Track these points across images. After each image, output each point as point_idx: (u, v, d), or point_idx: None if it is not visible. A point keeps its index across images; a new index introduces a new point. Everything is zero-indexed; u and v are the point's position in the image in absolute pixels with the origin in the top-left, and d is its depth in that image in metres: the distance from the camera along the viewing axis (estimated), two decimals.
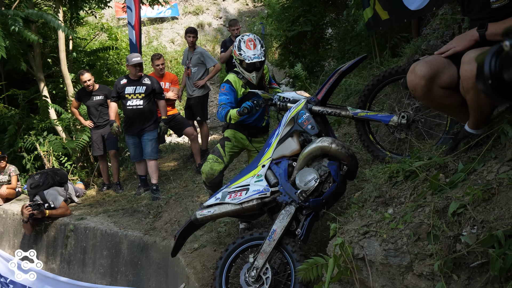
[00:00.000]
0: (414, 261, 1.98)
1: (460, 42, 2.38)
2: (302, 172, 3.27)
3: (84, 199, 7.76)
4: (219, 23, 19.61)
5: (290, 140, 3.49)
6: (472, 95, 2.15)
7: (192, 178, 7.24)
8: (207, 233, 5.29)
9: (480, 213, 1.86)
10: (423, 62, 2.41)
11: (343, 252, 2.24)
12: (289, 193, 3.30)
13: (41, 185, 6.95)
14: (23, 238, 7.37)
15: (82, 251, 6.54)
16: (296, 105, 3.61)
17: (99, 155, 7.85)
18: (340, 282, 2.45)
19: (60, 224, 6.87)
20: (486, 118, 2.33)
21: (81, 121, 7.94)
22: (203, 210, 3.70)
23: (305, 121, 3.44)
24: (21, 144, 8.74)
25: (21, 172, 8.71)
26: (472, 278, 1.82)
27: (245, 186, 3.56)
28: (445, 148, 2.60)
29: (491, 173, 2.05)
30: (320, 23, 9.64)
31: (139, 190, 7.18)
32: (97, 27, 13.09)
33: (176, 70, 15.65)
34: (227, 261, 3.53)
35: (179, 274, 5.15)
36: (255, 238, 3.51)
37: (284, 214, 3.29)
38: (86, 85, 7.54)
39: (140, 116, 6.65)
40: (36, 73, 9.23)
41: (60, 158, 8.75)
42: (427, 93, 2.40)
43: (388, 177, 2.69)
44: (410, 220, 2.07)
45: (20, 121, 9.07)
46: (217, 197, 3.65)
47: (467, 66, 2.10)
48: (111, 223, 6.45)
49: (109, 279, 6.22)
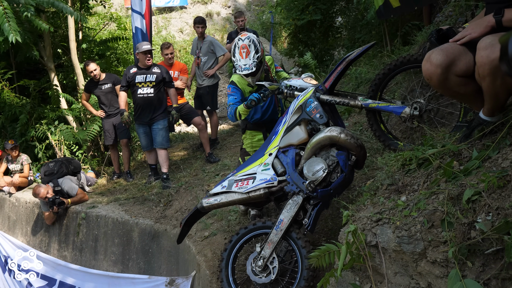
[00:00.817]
0: (428, 248, 1.97)
1: (476, 29, 2.34)
2: (310, 162, 3.26)
3: (95, 188, 7.82)
4: (227, 12, 19.50)
5: (298, 128, 3.48)
6: (488, 81, 2.12)
7: (202, 167, 7.26)
8: (217, 221, 5.32)
9: (495, 200, 1.84)
10: (439, 50, 2.37)
11: (355, 239, 2.23)
12: (296, 183, 3.30)
13: (55, 173, 7.01)
14: (36, 226, 7.46)
15: (94, 239, 6.61)
16: (304, 93, 3.58)
17: (110, 144, 7.90)
18: (352, 269, 2.45)
19: (72, 212, 6.93)
20: (502, 105, 2.30)
21: (92, 111, 7.97)
22: (210, 198, 3.68)
23: (313, 109, 3.42)
24: (33, 133, 8.79)
25: (33, 161, 8.77)
26: (487, 265, 1.81)
27: (251, 175, 3.54)
28: (459, 136, 2.58)
29: (506, 160, 2.03)
30: (329, 12, 9.56)
31: (150, 179, 7.21)
32: (106, 17, 13.07)
33: (185, 59, 15.60)
34: (232, 251, 3.55)
35: (190, 262, 5.19)
36: (258, 227, 3.53)
37: (291, 204, 3.30)
38: (93, 75, 7.57)
39: (150, 105, 6.66)
40: (46, 63, 9.25)
41: (71, 147, 8.80)
42: (443, 82, 2.36)
43: (401, 165, 2.67)
44: (424, 207, 2.06)
45: (31, 111, 9.11)
46: (223, 185, 3.63)
47: (483, 52, 2.07)
48: (122, 211, 6.50)
49: (120, 267, 6.29)
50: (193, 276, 5.02)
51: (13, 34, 6.47)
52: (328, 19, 9.49)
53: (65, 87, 10.13)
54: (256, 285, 3.39)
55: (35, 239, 7.45)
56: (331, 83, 3.60)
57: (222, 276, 3.51)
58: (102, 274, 6.25)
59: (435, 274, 1.95)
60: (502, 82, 2.11)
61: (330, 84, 3.61)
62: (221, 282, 3.52)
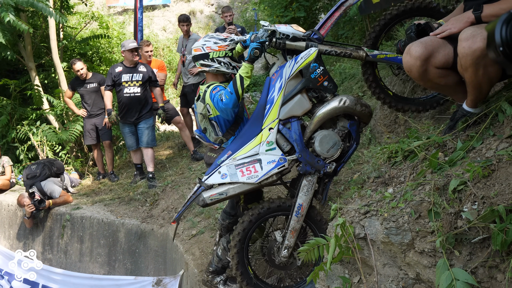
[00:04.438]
0: (416, 238, 2.00)
1: (456, 24, 2.40)
2: (322, 137, 3.05)
3: (80, 189, 7.74)
4: (211, 10, 19.45)
5: (301, 97, 3.10)
6: (471, 72, 2.17)
7: (188, 165, 7.24)
8: (204, 219, 5.31)
9: (481, 189, 1.87)
10: (418, 43, 2.43)
11: (344, 232, 2.25)
12: (311, 162, 3.06)
13: (38, 175, 6.92)
14: (19, 229, 7.36)
15: (79, 240, 6.55)
16: (305, 54, 3.09)
17: (93, 144, 7.83)
18: (341, 262, 2.47)
19: (56, 214, 6.85)
20: (484, 96, 2.35)
21: (74, 110, 7.89)
22: (212, 192, 3.12)
23: (319, 76, 3.06)
24: (14, 135, 8.68)
25: (15, 163, 8.65)
26: (474, 253, 1.84)
27: (254, 157, 3.08)
28: (443, 128, 2.62)
29: (490, 150, 2.06)
30: (313, 9, 9.59)
31: (135, 179, 7.18)
32: (88, 15, 12.95)
33: (168, 58, 15.55)
34: (248, 233, 3.26)
35: (178, 261, 5.17)
36: (277, 209, 3.26)
37: (308, 186, 3.11)
38: (79, 74, 7.51)
39: (137, 104, 6.64)
40: (27, 63, 9.12)
41: (54, 147, 8.70)
42: (423, 74, 2.43)
43: (387, 158, 2.70)
44: (411, 199, 2.08)
45: (12, 111, 9.00)
46: (223, 174, 3.08)
47: (464, 43, 2.11)
48: (107, 211, 6.45)
49: (107, 268, 6.24)
50: (181, 275, 5.01)
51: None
52: (311, 15, 9.52)
53: (46, 86, 10.01)
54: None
55: (18, 243, 7.34)
56: (328, 31, 3.34)
57: (239, 267, 3.24)
58: (86, 277, 6.20)
59: (423, 264, 1.97)
60: (484, 72, 2.15)
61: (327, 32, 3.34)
62: (236, 265, 3.24)
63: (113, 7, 18.86)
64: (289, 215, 3.20)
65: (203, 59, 3.49)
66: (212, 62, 3.47)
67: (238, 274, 3.25)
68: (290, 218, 3.17)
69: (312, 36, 3.25)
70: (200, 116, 3.57)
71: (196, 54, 3.51)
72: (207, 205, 3.16)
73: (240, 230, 3.22)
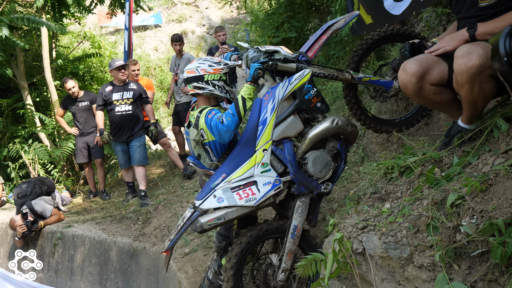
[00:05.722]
0: (414, 253, 2.00)
1: (450, 42, 2.44)
2: (315, 158, 3.07)
3: (71, 207, 7.65)
4: (202, 30, 19.60)
5: (294, 118, 3.11)
6: (467, 88, 2.19)
7: (180, 183, 7.20)
8: (197, 237, 5.26)
9: (479, 203, 1.88)
10: (414, 60, 2.46)
11: (342, 247, 2.24)
12: (304, 183, 3.06)
13: (29, 194, 6.82)
14: (9, 247, 7.22)
15: (70, 259, 6.44)
16: (299, 76, 3.08)
17: (84, 163, 7.76)
18: (338, 278, 2.45)
19: (47, 233, 6.75)
20: (480, 112, 2.37)
21: (66, 129, 7.83)
22: (210, 217, 2.97)
23: (313, 97, 3.09)
24: (6, 153, 8.60)
25: (6, 181, 8.55)
26: (473, 267, 1.84)
27: (249, 179, 3.01)
28: (438, 144, 2.64)
29: (486, 165, 2.08)
30: (304, 29, 9.72)
31: (127, 197, 7.11)
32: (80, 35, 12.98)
33: (160, 77, 15.57)
34: (244, 254, 3.15)
35: (171, 280, 5.10)
36: (274, 231, 3.21)
37: (302, 207, 3.10)
38: (71, 92, 7.48)
39: (129, 122, 6.62)
40: (19, 81, 9.08)
41: (46, 166, 8.62)
42: (418, 90, 2.46)
43: (383, 174, 2.71)
44: (409, 213, 2.08)
45: (4, 130, 8.92)
46: (219, 197, 2.97)
47: (460, 60, 2.15)
48: (99, 230, 6.37)
49: (98, 287, 6.13)
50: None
51: None
52: (302, 36, 9.64)
53: (37, 105, 9.96)
54: None
55: (8, 261, 7.20)
56: (315, 54, 3.37)
57: (232, 282, 3.09)
58: None
59: (422, 278, 1.96)
60: (479, 88, 2.18)
61: (315, 55, 3.37)
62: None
63: (105, 27, 18.93)
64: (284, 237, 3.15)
65: (197, 82, 3.40)
66: (206, 85, 3.38)
67: None
68: (286, 240, 3.12)
69: (300, 58, 3.28)
70: (194, 142, 3.45)
71: (190, 76, 3.41)
72: (205, 231, 3.02)
73: (237, 252, 3.10)
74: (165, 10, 20.48)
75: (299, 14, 9.68)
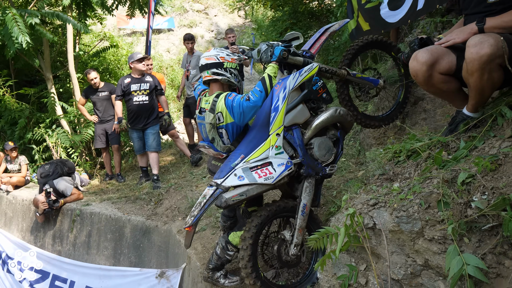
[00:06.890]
0: (425, 227, 1.91)
1: (459, 35, 2.36)
2: (320, 143, 3.10)
3: (89, 188, 7.54)
4: (211, 35, 19.50)
5: (303, 107, 3.13)
6: (476, 76, 2.11)
7: (189, 170, 7.10)
8: (206, 217, 5.17)
9: (489, 181, 1.80)
10: (425, 50, 2.39)
11: (353, 222, 2.16)
12: (312, 165, 3.06)
13: (51, 174, 6.73)
14: (31, 222, 7.12)
15: (88, 234, 6.34)
16: (308, 68, 3.08)
17: (102, 148, 7.67)
18: (347, 251, 2.37)
19: (67, 210, 6.65)
20: (485, 100, 2.30)
21: (87, 116, 7.74)
22: (233, 193, 2.88)
23: (320, 88, 3.15)
24: (31, 136, 8.50)
25: (30, 163, 8.45)
26: (483, 241, 1.76)
27: (265, 160, 2.96)
28: (443, 131, 2.56)
29: (493, 148, 2.00)
30: (305, 36, 9.63)
31: (141, 180, 7.02)
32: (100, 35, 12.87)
33: (171, 76, 15.48)
34: (261, 230, 3.07)
35: (180, 255, 5.01)
36: (287, 209, 3.15)
37: (309, 187, 3.08)
38: (93, 83, 7.41)
39: (145, 111, 6.53)
40: (45, 73, 8.96)
41: (67, 149, 8.53)
42: (427, 78, 2.39)
43: (390, 157, 2.62)
44: (420, 191, 2.00)
45: (30, 115, 8.83)
46: (240, 176, 2.90)
47: (473, 49, 2.07)
48: (115, 209, 6.27)
49: (112, 260, 6.03)
50: (183, 268, 4.85)
51: (22, 36, 6.18)
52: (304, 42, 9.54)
53: (60, 96, 9.87)
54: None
55: (30, 235, 7.10)
56: (318, 50, 3.44)
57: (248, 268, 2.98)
58: (94, 267, 5.98)
59: (432, 250, 1.88)
60: (489, 77, 2.10)
61: (317, 51, 3.45)
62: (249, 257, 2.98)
63: (123, 29, 18.77)
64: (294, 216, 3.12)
65: (217, 68, 3.30)
66: (224, 72, 3.30)
67: (249, 266, 2.97)
68: (297, 217, 3.08)
69: (304, 54, 3.34)
70: (209, 126, 3.32)
71: (209, 62, 3.31)
72: (229, 206, 2.90)
73: (257, 223, 3.02)
74: (178, 16, 20.37)
75: (301, 22, 9.60)
